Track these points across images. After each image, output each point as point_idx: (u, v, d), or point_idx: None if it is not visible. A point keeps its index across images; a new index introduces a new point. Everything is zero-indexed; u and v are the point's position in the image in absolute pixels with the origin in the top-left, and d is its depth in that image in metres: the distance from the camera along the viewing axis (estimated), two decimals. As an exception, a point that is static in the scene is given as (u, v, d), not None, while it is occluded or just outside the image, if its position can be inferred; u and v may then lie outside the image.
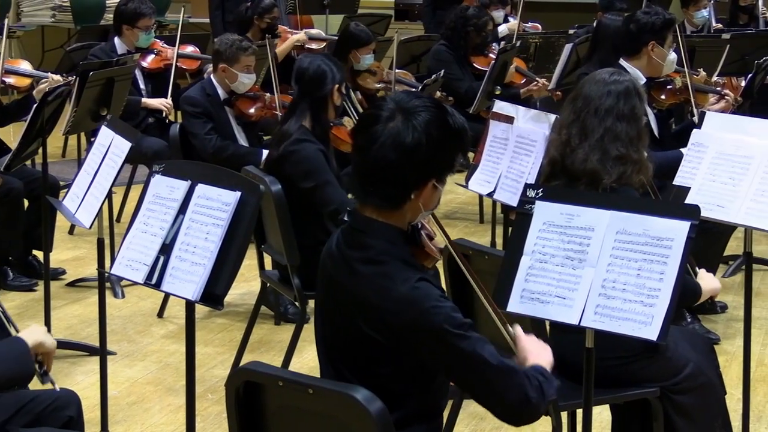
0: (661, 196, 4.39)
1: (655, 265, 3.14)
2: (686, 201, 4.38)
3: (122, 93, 6.35)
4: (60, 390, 3.56)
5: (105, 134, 4.62)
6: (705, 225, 4.99)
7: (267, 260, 5.63)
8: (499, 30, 9.89)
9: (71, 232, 7.87)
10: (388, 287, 2.94)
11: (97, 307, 4.80)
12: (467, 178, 5.64)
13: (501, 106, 5.54)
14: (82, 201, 4.60)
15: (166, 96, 7.87)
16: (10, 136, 7.76)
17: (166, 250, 3.62)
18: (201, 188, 3.61)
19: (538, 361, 3.11)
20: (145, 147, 7.34)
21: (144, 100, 7.84)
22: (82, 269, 7.06)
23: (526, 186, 3.41)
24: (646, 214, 3.18)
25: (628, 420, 4.29)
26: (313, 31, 9.66)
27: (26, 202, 6.73)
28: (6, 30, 7.05)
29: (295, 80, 5.49)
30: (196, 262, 3.53)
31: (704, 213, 3.30)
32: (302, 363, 5.50)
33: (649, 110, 5.88)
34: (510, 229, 4.90)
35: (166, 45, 8.23)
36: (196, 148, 6.74)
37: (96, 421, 4.74)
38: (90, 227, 4.57)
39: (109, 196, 4.59)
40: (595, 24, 7.63)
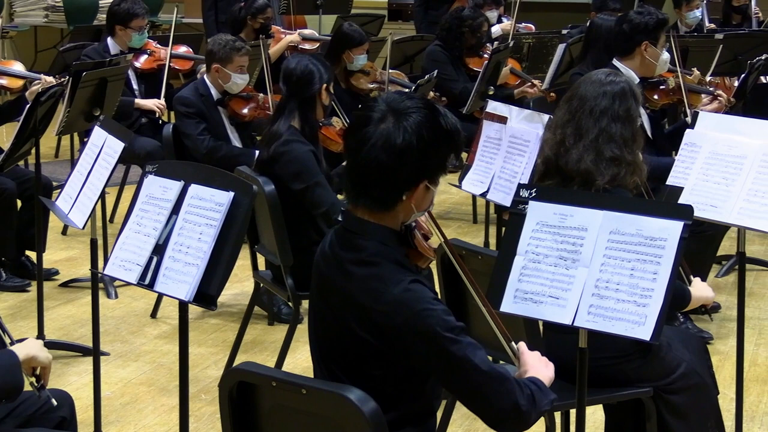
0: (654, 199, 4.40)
1: (649, 265, 3.14)
2: (679, 201, 4.39)
3: (115, 93, 6.34)
4: (53, 391, 3.55)
5: (98, 134, 4.62)
6: (697, 228, 5.01)
7: (260, 260, 5.63)
8: (492, 30, 9.89)
9: (64, 232, 7.87)
10: (381, 289, 2.93)
11: (90, 308, 4.79)
12: (460, 178, 5.64)
13: (494, 107, 5.54)
14: (75, 201, 4.60)
15: (159, 96, 7.86)
16: (3, 136, 7.77)
17: (159, 250, 3.62)
18: (194, 188, 3.61)
19: (537, 375, 3.11)
20: (138, 147, 7.34)
21: (137, 101, 7.84)
22: (75, 270, 7.05)
23: (520, 186, 3.40)
24: (640, 214, 3.18)
25: (621, 420, 4.29)
26: (306, 31, 9.65)
27: (19, 203, 6.72)
28: (-1, 31, 7.04)
29: (283, 81, 5.49)
30: (190, 262, 3.53)
31: (697, 213, 3.31)
32: (295, 363, 5.49)
33: (642, 110, 5.88)
34: (503, 229, 4.89)
35: (159, 45, 8.22)
36: (189, 148, 6.74)
37: (89, 422, 4.74)
38: (83, 228, 4.56)
39: (102, 196, 4.59)
40: (588, 24, 7.62)
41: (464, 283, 3.19)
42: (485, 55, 8.48)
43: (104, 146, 4.53)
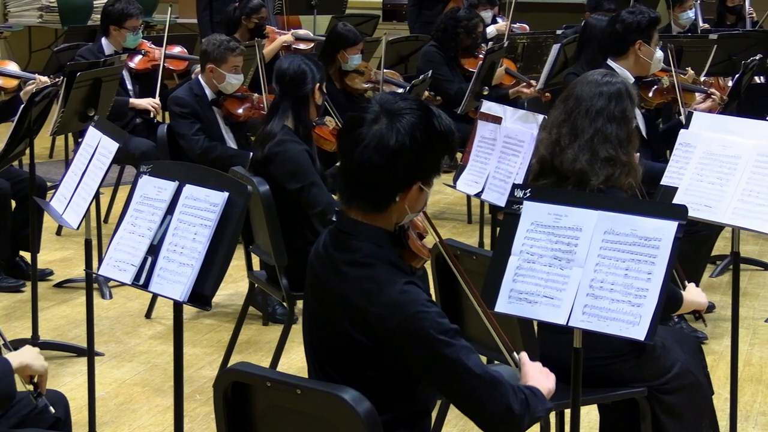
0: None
1: (643, 265, 3.14)
2: (674, 201, 4.39)
3: (109, 94, 6.34)
4: (48, 391, 3.56)
5: (92, 135, 4.61)
6: (692, 228, 5.01)
7: (255, 261, 5.62)
8: (487, 31, 9.89)
9: (59, 233, 7.86)
10: (375, 291, 2.92)
11: (84, 308, 4.79)
12: (455, 179, 5.64)
13: (489, 107, 5.54)
14: (69, 202, 4.59)
15: (154, 97, 7.86)
16: (-3, 136, 7.75)
17: (153, 250, 3.62)
18: (189, 189, 3.61)
19: (537, 386, 3.10)
20: (133, 147, 7.33)
21: (132, 101, 7.83)
22: (69, 270, 7.05)
23: (514, 186, 3.40)
24: (634, 214, 3.18)
25: (616, 420, 4.29)
26: (300, 31, 9.65)
27: (13, 203, 6.71)
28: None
29: (276, 81, 5.49)
30: (184, 262, 3.53)
31: (692, 213, 3.31)
32: (290, 363, 5.49)
33: (636, 110, 5.89)
34: (498, 229, 4.89)
35: (153, 45, 8.22)
36: (183, 148, 6.73)
37: (84, 423, 4.73)
38: (77, 228, 4.56)
39: (96, 196, 4.58)
40: (582, 24, 7.63)
41: (460, 284, 3.19)
42: (480, 56, 8.48)
43: (99, 146, 4.53)
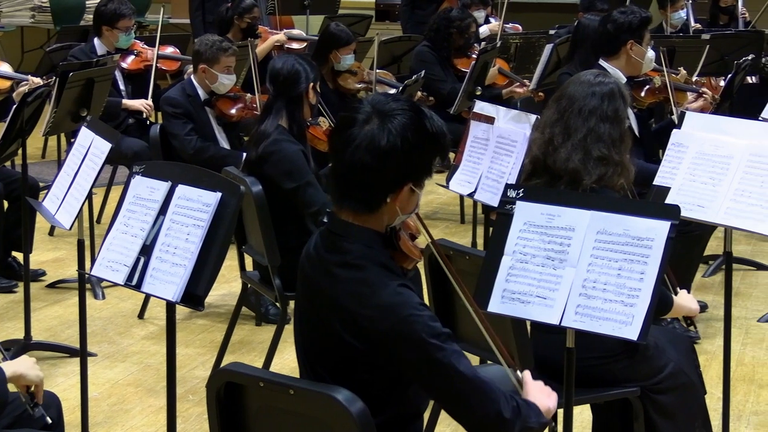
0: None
1: (636, 264, 3.14)
2: (666, 201, 4.39)
3: (102, 94, 6.33)
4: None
5: (85, 135, 4.61)
6: (685, 228, 5.02)
7: (248, 261, 5.62)
8: (480, 31, 9.89)
9: (51, 233, 7.85)
10: (367, 294, 2.92)
11: (77, 309, 4.78)
12: (448, 179, 5.64)
13: (482, 107, 5.54)
14: (62, 202, 4.59)
15: (147, 97, 7.85)
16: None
17: (146, 251, 3.61)
18: (181, 189, 3.60)
19: (535, 402, 3.09)
20: (126, 148, 7.33)
21: (124, 102, 7.82)
22: (62, 270, 7.04)
23: (507, 186, 3.41)
24: (627, 214, 3.19)
25: (608, 420, 4.29)
26: (294, 31, 9.65)
27: (5, 203, 6.70)
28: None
29: (270, 80, 5.49)
30: (177, 263, 3.52)
31: (684, 213, 3.31)
32: (283, 364, 5.49)
33: (629, 109, 5.89)
34: (491, 229, 4.89)
35: (146, 46, 8.21)
36: (176, 148, 6.73)
37: (76, 423, 4.73)
38: (70, 228, 4.56)
39: (89, 197, 4.58)
40: (575, 24, 7.63)
41: (452, 285, 3.18)
42: (473, 56, 8.49)
43: (91, 147, 4.53)
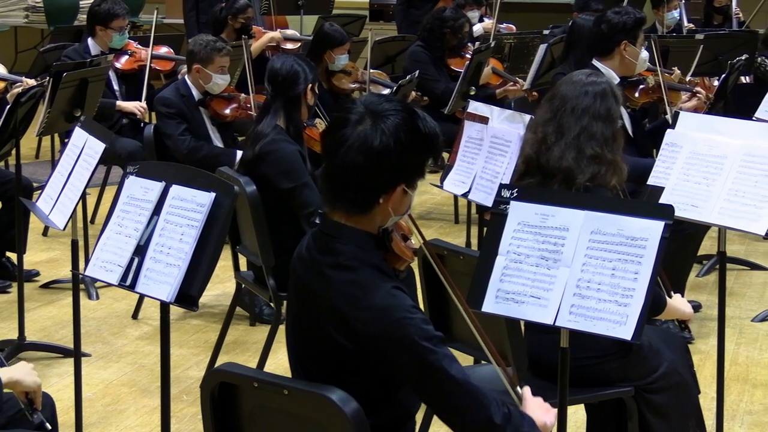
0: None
1: (630, 264, 3.15)
2: (660, 201, 4.40)
3: (96, 94, 6.32)
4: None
5: (79, 135, 4.60)
6: (679, 226, 5.03)
7: (242, 261, 5.62)
8: (474, 30, 9.90)
9: (45, 233, 7.84)
10: (359, 296, 2.91)
11: (71, 309, 4.78)
12: (442, 179, 5.64)
13: (476, 107, 5.54)
14: (55, 202, 4.58)
15: (141, 97, 7.84)
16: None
17: (140, 251, 3.61)
18: (175, 189, 3.60)
19: (532, 415, 3.07)
20: (119, 148, 7.32)
21: (118, 103, 7.80)
22: (56, 271, 7.03)
23: (501, 186, 3.41)
24: (621, 214, 3.19)
25: (603, 419, 4.30)
26: (288, 31, 9.64)
27: (-1, 204, 6.70)
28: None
29: (268, 80, 5.48)
30: (171, 263, 3.52)
31: (678, 213, 3.32)
32: (277, 364, 5.49)
33: (623, 109, 5.90)
34: (485, 229, 4.90)
35: (140, 46, 8.20)
36: (170, 148, 6.72)
37: (70, 424, 4.72)
38: (64, 229, 4.55)
39: (83, 197, 4.57)
40: (570, 24, 7.64)
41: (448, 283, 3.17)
42: (467, 56, 8.49)
43: (85, 147, 4.52)
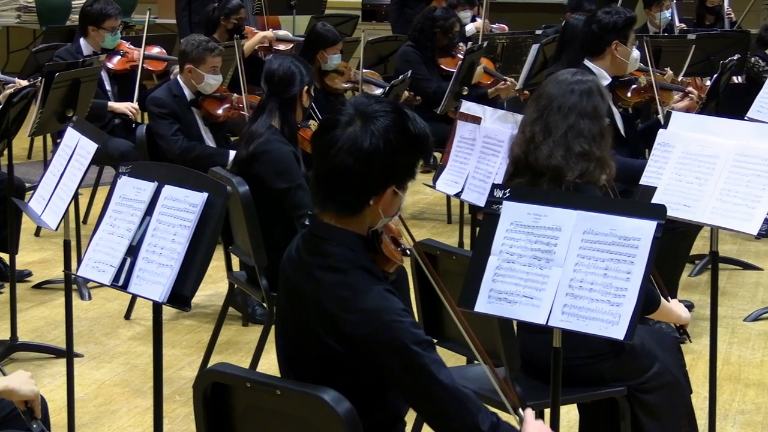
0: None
1: (622, 264, 3.15)
2: (653, 201, 4.40)
3: (88, 94, 6.32)
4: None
5: (71, 135, 4.60)
6: (671, 226, 5.03)
7: (234, 261, 5.61)
8: (467, 29, 9.91)
9: (37, 233, 7.83)
10: (349, 298, 2.90)
11: (63, 309, 4.77)
12: (435, 179, 5.64)
13: (468, 107, 5.54)
14: (48, 203, 4.58)
15: (133, 97, 7.83)
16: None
17: (132, 251, 3.61)
18: (168, 189, 3.60)
19: None
20: (112, 148, 7.31)
21: (110, 104, 7.80)
22: (48, 271, 7.02)
23: (494, 186, 3.41)
24: (613, 214, 3.19)
25: (595, 419, 4.30)
26: (280, 32, 9.64)
27: (-8, 204, 6.69)
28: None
29: (265, 80, 5.48)
30: (163, 263, 3.52)
31: (670, 212, 3.32)
32: (270, 364, 5.48)
33: (615, 109, 5.90)
34: (477, 229, 4.90)
35: (132, 46, 8.19)
36: (162, 149, 6.72)
37: (63, 424, 4.72)
38: (56, 229, 4.54)
39: (75, 197, 4.57)
40: (563, 24, 7.64)
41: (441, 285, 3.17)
42: (458, 55, 8.50)
43: (77, 147, 4.52)
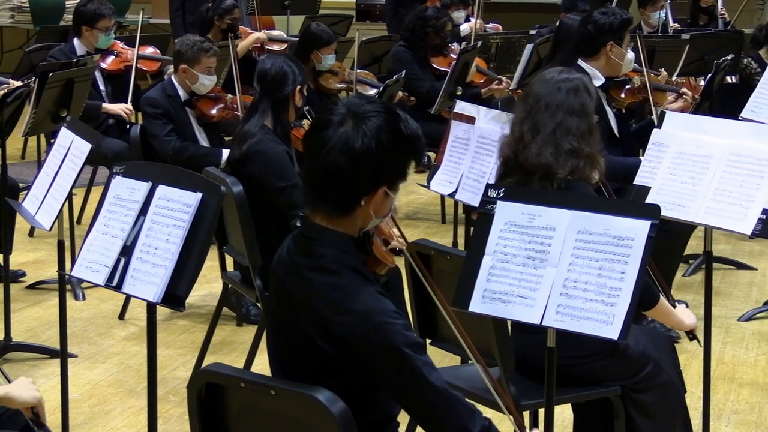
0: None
1: (616, 264, 3.15)
2: (647, 200, 4.41)
3: (82, 94, 6.31)
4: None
5: (65, 136, 4.59)
6: (665, 226, 5.04)
7: (229, 261, 5.61)
8: (461, 29, 9.91)
9: (31, 234, 7.82)
10: (341, 299, 2.90)
11: (57, 310, 4.77)
12: (429, 179, 5.64)
13: (462, 107, 5.54)
14: (42, 203, 4.57)
15: (127, 97, 7.82)
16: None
17: (126, 251, 3.61)
18: (162, 189, 3.60)
19: None
20: (106, 148, 7.30)
21: (104, 106, 7.78)
22: (42, 271, 7.02)
23: (488, 186, 3.41)
24: (607, 214, 3.19)
25: (589, 419, 4.30)
26: (274, 32, 9.64)
27: (-15, 205, 6.68)
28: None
29: (257, 80, 5.48)
30: (157, 263, 3.52)
31: (664, 212, 3.32)
32: (264, 364, 5.44)
33: (608, 110, 5.91)
34: (472, 229, 4.90)
35: (126, 46, 8.18)
36: (156, 149, 6.71)
37: (57, 425, 4.71)
38: (50, 229, 4.54)
39: (69, 197, 4.57)
40: (557, 24, 7.65)
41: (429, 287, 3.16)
42: (450, 55, 8.50)
43: (71, 147, 4.51)
